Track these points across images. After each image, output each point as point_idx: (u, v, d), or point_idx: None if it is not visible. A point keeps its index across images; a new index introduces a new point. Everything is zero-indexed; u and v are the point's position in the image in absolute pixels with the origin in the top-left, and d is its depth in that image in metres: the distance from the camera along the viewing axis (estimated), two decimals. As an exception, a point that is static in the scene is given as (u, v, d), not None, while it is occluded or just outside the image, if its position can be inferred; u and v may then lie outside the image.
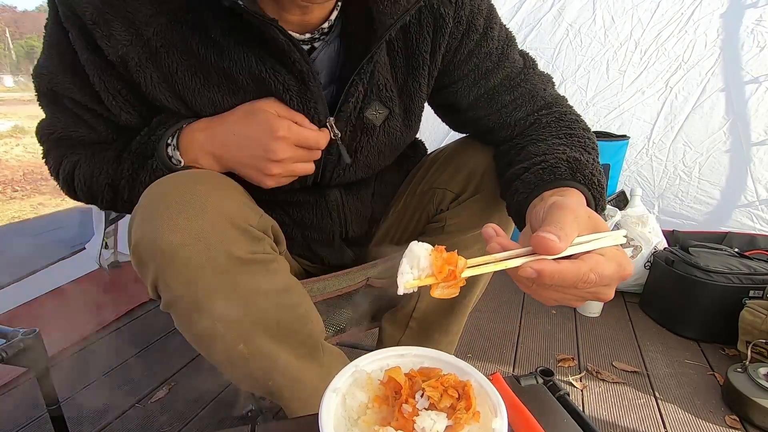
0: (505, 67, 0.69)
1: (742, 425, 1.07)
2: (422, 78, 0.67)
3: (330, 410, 0.37)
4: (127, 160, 0.62)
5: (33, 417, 1.07)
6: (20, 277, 1.64)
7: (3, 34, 30.08)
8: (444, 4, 0.63)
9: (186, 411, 1.09)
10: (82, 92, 0.59)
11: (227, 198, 0.56)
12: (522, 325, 1.52)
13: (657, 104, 1.83)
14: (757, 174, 1.70)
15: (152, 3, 0.54)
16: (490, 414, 0.37)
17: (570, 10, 1.88)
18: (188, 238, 0.51)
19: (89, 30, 0.53)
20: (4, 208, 3.69)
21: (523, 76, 0.71)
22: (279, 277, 0.61)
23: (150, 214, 0.53)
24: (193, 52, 0.56)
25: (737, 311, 1.33)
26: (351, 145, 0.67)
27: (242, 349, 0.60)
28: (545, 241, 0.40)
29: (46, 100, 0.63)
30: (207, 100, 0.60)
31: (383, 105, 0.67)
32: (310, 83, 0.59)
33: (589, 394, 1.18)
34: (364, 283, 0.81)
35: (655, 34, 1.79)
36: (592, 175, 0.56)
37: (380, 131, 0.68)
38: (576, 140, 0.63)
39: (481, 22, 0.66)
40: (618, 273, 0.43)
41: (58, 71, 0.58)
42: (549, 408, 0.51)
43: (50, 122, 0.65)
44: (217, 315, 0.56)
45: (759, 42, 1.64)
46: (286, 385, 0.65)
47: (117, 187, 0.63)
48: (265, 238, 0.60)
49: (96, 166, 0.64)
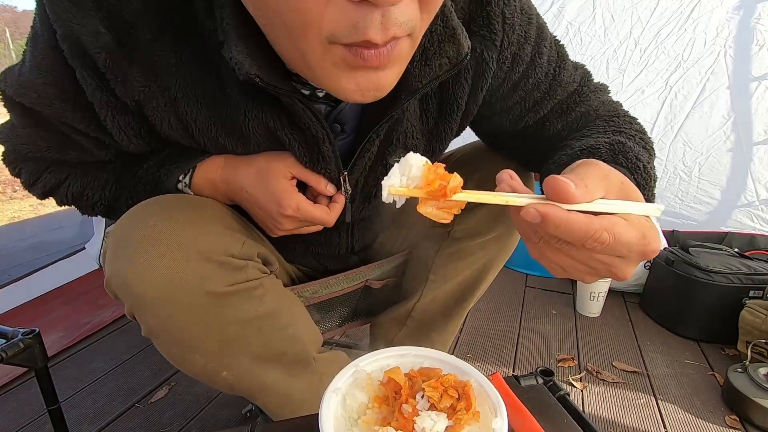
0: (557, 94, 0.63)
1: (742, 425, 1.07)
2: (454, 123, 0.62)
3: (330, 410, 0.37)
4: (128, 187, 0.60)
5: (33, 417, 1.07)
6: (20, 277, 1.64)
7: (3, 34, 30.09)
8: (488, 47, 0.56)
9: (186, 411, 1.09)
10: (85, 123, 0.53)
11: (202, 229, 0.54)
12: (522, 325, 1.52)
13: (657, 103, 1.83)
14: (757, 174, 1.70)
15: (176, 53, 0.48)
16: (490, 414, 0.37)
17: (569, 8, 1.88)
18: (158, 278, 0.50)
19: (101, 72, 0.47)
20: (4, 208, 3.69)
21: (576, 97, 0.64)
22: (265, 302, 0.59)
23: (120, 252, 0.51)
24: (211, 104, 0.53)
25: (737, 311, 1.34)
26: (370, 190, 0.65)
27: (226, 376, 0.59)
28: (559, 184, 0.34)
29: (22, 113, 0.54)
30: (221, 147, 0.57)
31: (407, 150, 0.61)
32: (323, 147, 0.55)
33: (589, 394, 1.18)
34: (362, 284, 0.81)
35: (655, 33, 1.79)
36: (636, 159, 0.49)
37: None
38: (624, 131, 0.57)
39: (528, 50, 0.59)
40: (640, 244, 0.36)
41: (55, 99, 0.51)
42: (549, 408, 0.51)
43: (28, 138, 0.57)
44: (195, 349, 0.56)
45: (759, 40, 1.64)
46: (275, 401, 0.65)
47: (113, 206, 0.62)
48: (248, 264, 0.58)
49: (88, 187, 0.61)
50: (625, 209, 0.36)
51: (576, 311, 1.62)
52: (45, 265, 1.72)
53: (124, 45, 0.46)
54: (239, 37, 0.43)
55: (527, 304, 1.67)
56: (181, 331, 0.54)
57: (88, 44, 0.45)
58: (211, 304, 0.53)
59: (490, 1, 0.54)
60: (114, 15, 0.44)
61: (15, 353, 0.70)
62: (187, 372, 0.59)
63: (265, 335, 0.60)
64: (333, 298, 0.80)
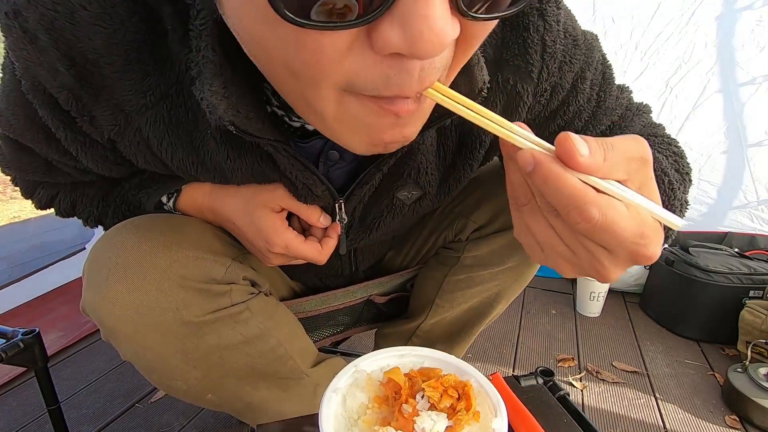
0: (601, 123, 0.56)
1: (742, 425, 1.07)
2: (475, 160, 0.56)
3: (330, 410, 0.37)
4: (112, 205, 0.59)
5: (33, 417, 1.07)
6: (20, 277, 1.64)
7: (3, 34, 30.16)
8: (523, 80, 0.49)
9: (186, 411, 1.09)
10: (59, 154, 0.49)
11: (179, 255, 0.51)
12: (522, 325, 1.52)
13: (657, 105, 1.83)
14: (757, 174, 1.70)
15: (144, 93, 0.42)
16: (490, 414, 0.37)
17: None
18: (130, 308, 0.48)
19: (65, 111, 0.42)
20: (4, 208, 3.69)
21: (621, 124, 0.57)
22: (251, 325, 0.57)
23: (92, 280, 0.50)
24: (188, 145, 0.47)
25: (737, 311, 1.34)
26: (374, 221, 0.61)
27: (211, 398, 0.58)
28: (568, 142, 0.29)
29: (3, 138, 0.51)
30: (203, 181, 0.54)
31: (419, 187, 0.57)
32: (313, 189, 0.51)
33: (589, 394, 1.18)
34: (365, 299, 0.80)
35: (655, 35, 1.79)
36: (663, 174, 0.45)
37: (409, 209, 0.61)
38: (660, 150, 0.52)
39: (570, 77, 0.51)
40: (634, 241, 0.31)
41: (27, 131, 0.46)
42: (549, 408, 0.51)
43: (13, 162, 0.54)
44: (175, 377, 0.54)
45: (759, 42, 1.64)
46: (264, 419, 0.63)
47: (103, 222, 0.61)
48: (232, 288, 0.55)
49: (78, 202, 0.60)
50: (638, 202, 0.31)
51: (576, 311, 1.62)
52: (45, 265, 1.72)
53: (87, 84, 0.40)
54: (215, 75, 0.36)
55: (527, 304, 1.67)
56: (158, 361, 0.52)
57: (47, 82, 0.40)
58: (190, 333, 0.51)
59: (528, 27, 0.47)
60: (73, 51, 0.38)
61: (15, 353, 0.70)
62: (170, 394, 0.59)
63: (252, 358, 0.58)
64: (336, 310, 0.78)
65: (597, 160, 0.30)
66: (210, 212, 0.57)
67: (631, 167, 0.32)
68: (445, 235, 0.76)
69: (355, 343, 1.38)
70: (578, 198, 0.30)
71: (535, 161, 0.30)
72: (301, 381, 0.65)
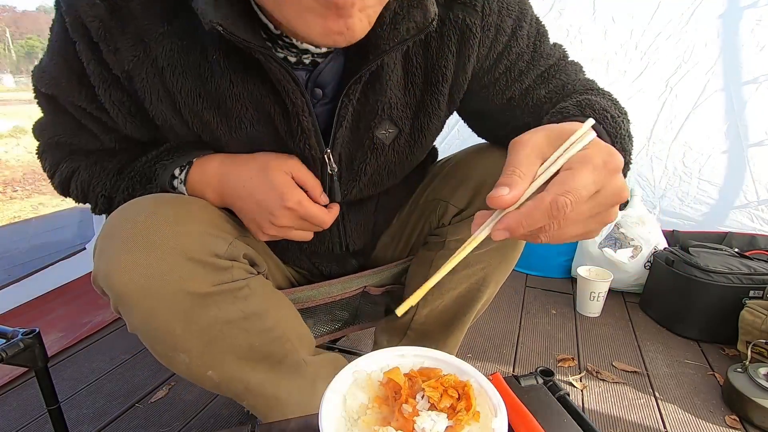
0: (539, 65, 0.64)
1: (742, 425, 1.07)
2: (441, 96, 0.62)
3: (330, 410, 0.37)
4: (126, 178, 0.62)
5: (33, 417, 1.07)
6: (20, 277, 1.64)
7: (3, 34, 30.11)
8: (470, 14, 0.58)
9: (186, 411, 1.09)
10: (88, 101, 0.57)
11: (187, 229, 0.54)
12: (522, 325, 1.52)
13: (657, 104, 1.83)
14: (757, 174, 1.70)
15: (162, 22, 0.51)
16: (490, 414, 0.37)
17: (570, 10, 1.88)
18: (141, 277, 0.50)
19: (95, 43, 0.51)
20: (4, 208, 3.69)
21: (557, 68, 0.65)
22: (251, 302, 0.59)
23: (105, 248, 0.52)
24: (197, 74, 0.54)
25: (737, 311, 1.34)
26: (359, 166, 0.64)
27: (211, 375, 0.59)
28: (494, 200, 0.36)
29: (45, 102, 0.61)
30: (206, 123, 0.58)
31: (393, 124, 0.63)
32: (302, 118, 0.55)
33: (589, 394, 1.18)
34: (361, 290, 0.80)
35: (655, 35, 1.79)
36: (604, 110, 0.50)
37: (389, 150, 0.65)
38: (598, 94, 0.58)
39: (509, 23, 0.61)
40: (599, 171, 0.35)
41: (63, 77, 0.56)
42: (549, 408, 0.51)
43: (50, 126, 0.63)
44: (178, 348, 0.56)
45: (759, 42, 1.64)
46: (262, 402, 0.64)
47: (113, 200, 0.63)
48: (233, 265, 0.58)
49: (95, 176, 0.63)
50: (567, 156, 0.36)
51: (576, 311, 1.62)
52: (45, 265, 1.73)
53: (116, 14, 0.50)
54: None
55: (527, 304, 1.67)
56: (163, 329, 0.54)
57: (84, 14, 0.49)
58: (193, 304, 0.54)
59: None
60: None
61: (15, 353, 0.70)
62: (172, 369, 0.60)
63: (250, 336, 0.59)
64: (331, 303, 0.79)
65: (515, 184, 0.36)
66: (219, 181, 0.60)
67: (534, 154, 0.37)
68: (430, 222, 0.79)
69: (355, 342, 1.38)
70: (546, 210, 0.34)
71: (506, 230, 0.36)
72: (300, 369, 0.66)
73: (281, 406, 0.64)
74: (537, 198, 0.35)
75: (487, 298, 0.81)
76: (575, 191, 0.34)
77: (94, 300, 1.60)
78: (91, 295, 1.63)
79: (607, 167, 0.36)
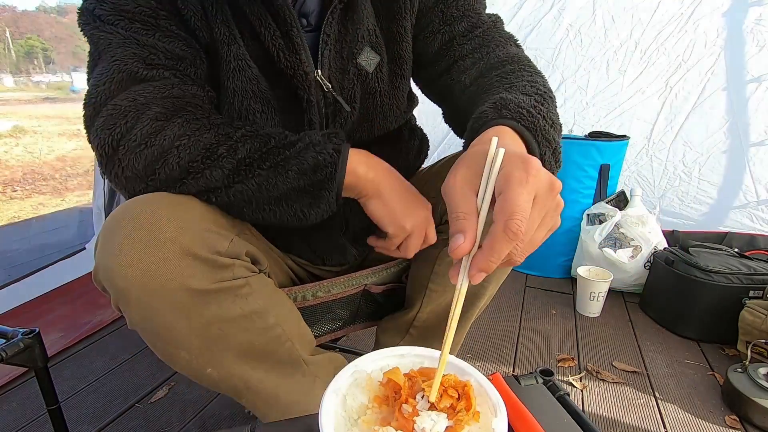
0: (470, 16, 0.70)
1: (741, 425, 1.07)
2: (406, 21, 0.70)
3: (330, 410, 0.37)
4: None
5: (33, 417, 1.07)
6: (20, 277, 1.64)
7: (3, 34, 30.11)
8: None
9: (186, 411, 1.09)
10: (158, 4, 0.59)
11: (187, 227, 0.54)
12: (522, 325, 1.52)
13: (657, 104, 1.83)
14: (757, 174, 1.70)
15: None
16: (490, 414, 0.37)
17: (570, 10, 1.88)
18: (142, 273, 0.50)
19: None
20: (4, 208, 3.69)
21: (485, 27, 0.71)
22: (251, 301, 0.59)
23: (107, 244, 0.52)
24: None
25: (737, 311, 1.34)
26: (348, 94, 0.69)
27: (211, 372, 0.59)
28: (456, 252, 0.37)
29: (112, 29, 0.57)
30: (206, 44, 0.62)
31: (374, 51, 0.69)
32: (291, 33, 0.61)
33: (589, 394, 1.18)
34: (362, 288, 0.80)
35: (655, 34, 1.79)
36: (519, 108, 0.51)
37: (373, 78, 0.70)
38: (514, 84, 0.59)
39: None
40: (525, 181, 0.36)
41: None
42: (549, 408, 0.51)
43: (121, 55, 0.56)
44: (179, 344, 0.56)
45: (759, 41, 1.64)
46: (261, 401, 0.64)
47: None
48: (235, 263, 0.57)
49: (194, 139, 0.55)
50: (492, 183, 0.38)
51: (576, 311, 1.62)
52: (45, 265, 1.73)
53: None
54: None
55: (527, 304, 1.67)
56: (164, 325, 0.54)
57: None
58: (194, 300, 0.53)
59: None
60: None
61: (15, 353, 0.70)
62: (172, 366, 0.59)
63: (250, 335, 0.59)
64: (332, 301, 0.79)
65: (466, 229, 0.37)
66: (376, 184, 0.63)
67: (465, 192, 0.39)
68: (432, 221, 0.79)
69: (355, 342, 1.38)
70: (505, 240, 0.35)
71: (479, 274, 0.37)
72: (300, 368, 0.66)
73: (280, 405, 0.64)
74: (491, 233, 0.36)
75: (488, 297, 0.81)
76: (518, 210, 0.35)
77: (94, 300, 1.60)
78: (91, 295, 1.63)
79: (529, 173, 0.37)
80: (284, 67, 0.63)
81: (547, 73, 1.93)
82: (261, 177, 0.56)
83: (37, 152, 6.01)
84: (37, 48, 35.30)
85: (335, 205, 0.60)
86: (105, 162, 0.55)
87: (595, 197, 1.79)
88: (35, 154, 5.93)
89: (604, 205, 1.73)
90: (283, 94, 0.66)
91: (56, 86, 22.53)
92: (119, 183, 0.57)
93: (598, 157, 1.73)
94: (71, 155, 5.80)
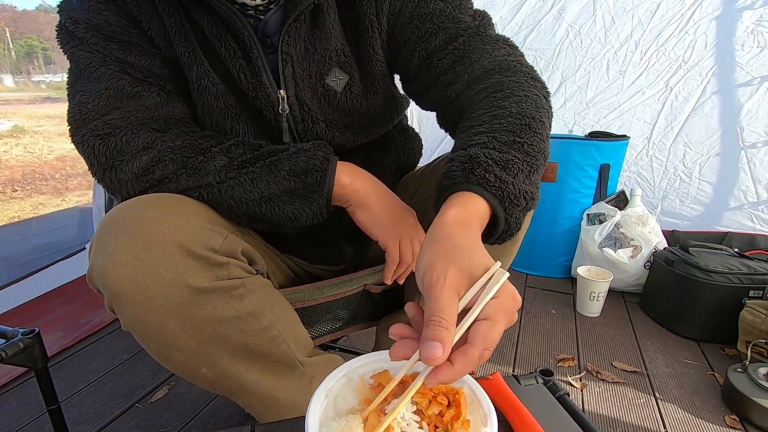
0: (447, 28, 0.65)
1: (741, 425, 1.07)
2: (374, 40, 0.67)
3: (317, 411, 0.36)
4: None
5: (33, 417, 1.07)
6: (20, 277, 1.64)
7: (3, 34, 30.12)
8: None
9: (186, 411, 1.09)
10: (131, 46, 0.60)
11: (182, 223, 0.53)
12: (522, 325, 1.52)
13: (657, 105, 1.83)
14: (757, 174, 1.70)
15: None
16: (481, 423, 0.37)
17: (570, 10, 1.88)
18: (135, 272, 0.50)
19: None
20: (4, 208, 3.69)
21: (466, 36, 0.64)
22: (246, 301, 0.58)
23: (100, 244, 0.52)
24: (161, 17, 0.59)
25: (737, 311, 1.33)
26: (317, 113, 0.68)
27: (205, 373, 0.59)
28: (431, 361, 0.34)
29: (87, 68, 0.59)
30: (174, 61, 0.62)
31: (343, 71, 0.68)
32: (251, 54, 0.61)
33: (589, 394, 1.18)
34: (361, 289, 0.80)
35: (656, 35, 1.79)
36: (486, 173, 0.47)
37: (342, 97, 0.69)
38: (498, 126, 0.52)
39: None
40: (509, 316, 0.38)
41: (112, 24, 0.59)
42: (549, 408, 0.51)
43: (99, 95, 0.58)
44: (172, 345, 0.55)
45: (759, 42, 1.64)
46: (258, 402, 0.64)
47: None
48: (230, 261, 0.57)
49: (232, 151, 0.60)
50: (483, 301, 0.37)
51: (576, 311, 1.62)
52: (45, 265, 1.73)
53: None
54: None
55: (527, 304, 1.67)
56: (157, 326, 0.53)
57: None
58: (188, 299, 0.53)
59: None
60: None
61: (15, 353, 0.70)
62: (167, 366, 0.59)
63: (245, 335, 0.59)
64: (332, 301, 0.79)
65: (445, 339, 0.34)
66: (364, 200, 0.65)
67: (450, 296, 0.37)
68: (428, 219, 0.78)
69: (355, 342, 1.38)
70: (476, 361, 0.35)
71: (436, 383, 0.35)
72: (296, 370, 0.66)
73: (277, 405, 0.64)
74: (467, 354, 0.35)
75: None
76: (496, 341, 0.36)
77: (94, 300, 1.60)
78: (91, 295, 1.63)
79: (515, 311, 0.38)
80: (245, 88, 0.64)
81: (547, 73, 1.94)
82: (254, 174, 0.58)
83: (37, 152, 6.01)
84: (37, 48, 35.29)
85: (326, 210, 0.61)
86: (101, 168, 0.58)
87: (595, 197, 1.79)
88: (35, 154, 5.93)
89: (604, 205, 1.73)
90: (253, 111, 0.66)
91: (56, 86, 22.52)
92: (113, 186, 0.58)
93: (598, 156, 1.73)
94: (71, 155, 5.79)
